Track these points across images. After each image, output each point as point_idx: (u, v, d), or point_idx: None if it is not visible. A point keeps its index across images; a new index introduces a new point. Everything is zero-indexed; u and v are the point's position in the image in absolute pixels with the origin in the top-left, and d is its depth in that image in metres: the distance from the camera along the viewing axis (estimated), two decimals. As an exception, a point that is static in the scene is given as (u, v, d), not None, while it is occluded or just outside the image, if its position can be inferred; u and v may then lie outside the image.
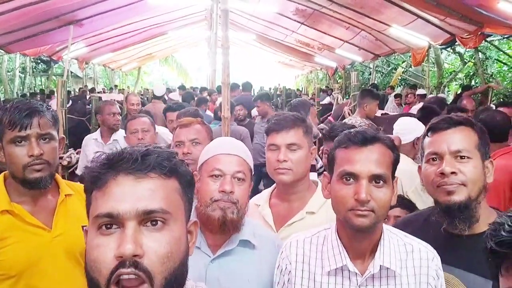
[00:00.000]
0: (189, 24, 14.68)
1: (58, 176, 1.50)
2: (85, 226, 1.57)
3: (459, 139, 1.26)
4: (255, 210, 1.68)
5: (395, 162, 1.16)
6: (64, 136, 1.58)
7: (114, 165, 0.74)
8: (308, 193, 1.64)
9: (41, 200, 1.43)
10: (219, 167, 1.30)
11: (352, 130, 1.20)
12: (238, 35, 15.14)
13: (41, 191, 1.41)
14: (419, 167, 1.38)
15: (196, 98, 6.17)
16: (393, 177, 1.16)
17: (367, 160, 1.11)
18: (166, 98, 7.43)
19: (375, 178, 1.10)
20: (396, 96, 9.26)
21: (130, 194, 0.72)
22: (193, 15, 13.49)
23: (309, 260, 1.22)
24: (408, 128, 2.72)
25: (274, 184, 1.73)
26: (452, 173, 1.22)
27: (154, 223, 0.72)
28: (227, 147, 1.37)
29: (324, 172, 1.23)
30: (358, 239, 1.14)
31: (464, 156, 1.24)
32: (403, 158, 2.56)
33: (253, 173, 1.40)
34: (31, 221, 1.38)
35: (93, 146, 3.63)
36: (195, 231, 0.84)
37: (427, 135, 1.33)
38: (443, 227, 1.28)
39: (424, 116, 3.29)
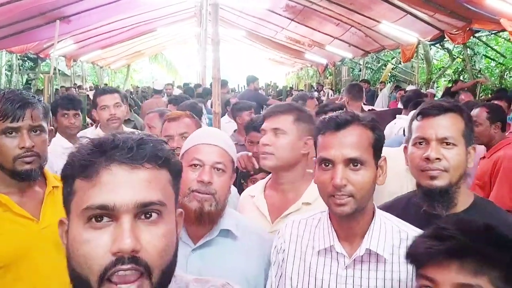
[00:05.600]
0: (179, 21, 14.59)
1: (46, 169, 1.48)
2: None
3: (446, 126, 1.28)
4: (249, 201, 1.65)
5: (377, 142, 1.14)
6: (52, 128, 1.55)
7: (107, 153, 0.69)
8: (303, 184, 1.60)
9: (29, 192, 1.41)
10: (198, 157, 1.28)
11: (327, 116, 1.20)
12: (228, 31, 15.08)
13: (29, 183, 1.39)
14: (405, 148, 1.40)
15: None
16: (378, 156, 1.15)
17: (340, 144, 1.11)
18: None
19: (352, 162, 1.10)
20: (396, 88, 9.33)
21: (126, 185, 0.67)
22: (182, 11, 13.41)
23: (301, 240, 1.25)
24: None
25: (270, 175, 1.70)
26: (437, 159, 1.26)
27: (148, 215, 0.69)
28: (208, 137, 1.34)
29: (314, 158, 1.22)
30: (346, 222, 1.16)
31: (449, 143, 1.27)
32: None
33: (235, 165, 1.37)
34: (19, 212, 1.36)
35: None
36: (180, 221, 0.82)
37: (417, 119, 1.34)
38: (424, 208, 1.32)
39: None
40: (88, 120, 5.09)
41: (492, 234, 0.86)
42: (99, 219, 0.67)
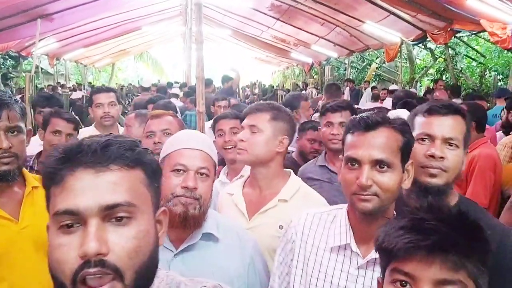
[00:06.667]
0: (164, 20, 14.47)
1: (25, 169, 1.47)
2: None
3: (453, 127, 1.29)
4: (228, 199, 1.67)
5: (406, 145, 1.14)
6: (31, 128, 1.54)
7: (72, 158, 0.69)
8: (280, 182, 1.63)
9: (7, 192, 1.40)
10: (182, 162, 1.26)
11: (358, 116, 1.20)
12: (213, 30, 15.04)
13: (8, 183, 1.38)
14: None
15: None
16: (405, 160, 1.15)
17: (369, 145, 1.11)
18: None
19: (378, 163, 1.10)
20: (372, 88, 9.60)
21: (91, 188, 0.67)
22: (167, 10, 13.31)
23: (314, 234, 1.24)
24: None
25: (247, 174, 1.73)
26: (441, 157, 1.26)
27: (118, 218, 0.68)
28: (191, 141, 1.32)
29: (340, 156, 1.23)
30: (365, 222, 1.14)
31: (453, 144, 1.28)
32: None
33: (221, 172, 1.38)
34: None
35: None
36: (165, 220, 0.81)
37: (423, 115, 1.33)
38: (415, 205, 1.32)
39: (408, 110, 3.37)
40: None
41: (468, 222, 0.82)
42: (69, 224, 0.67)
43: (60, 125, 2.28)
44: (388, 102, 5.28)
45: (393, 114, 2.89)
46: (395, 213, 1.19)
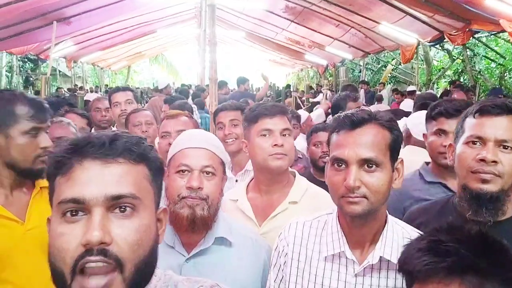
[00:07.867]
0: (179, 22, 14.60)
1: None
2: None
3: (507, 127, 1.18)
4: (231, 206, 1.59)
5: (394, 142, 1.08)
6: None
7: (80, 149, 0.71)
8: (287, 184, 1.58)
9: (15, 193, 1.40)
10: (185, 162, 1.23)
11: (342, 113, 1.13)
12: (227, 32, 15.09)
13: (17, 183, 1.40)
14: (451, 145, 1.32)
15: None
16: (395, 158, 1.09)
17: (355, 144, 1.04)
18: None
19: (366, 163, 1.04)
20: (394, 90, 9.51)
21: (97, 179, 0.69)
22: (182, 13, 13.42)
23: (306, 244, 1.18)
24: (420, 124, 2.63)
25: (249, 178, 1.67)
26: (493, 162, 1.16)
27: (122, 209, 0.70)
28: (194, 140, 1.29)
29: (327, 157, 1.18)
30: (356, 225, 1.09)
31: (507, 147, 1.17)
32: (416, 149, 2.34)
33: (226, 166, 1.33)
34: (2, 213, 1.34)
35: None
36: (165, 218, 0.82)
37: (474, 116, 1.23)
38: (468, 214, 1.22)
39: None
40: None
41: (489, 243, 0.81)
42: (74, 213, 0.69)
43: (74, 120, 2.37)
44: (405, 104, 5.16)
45: (413, 115, 2.81)
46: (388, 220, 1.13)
